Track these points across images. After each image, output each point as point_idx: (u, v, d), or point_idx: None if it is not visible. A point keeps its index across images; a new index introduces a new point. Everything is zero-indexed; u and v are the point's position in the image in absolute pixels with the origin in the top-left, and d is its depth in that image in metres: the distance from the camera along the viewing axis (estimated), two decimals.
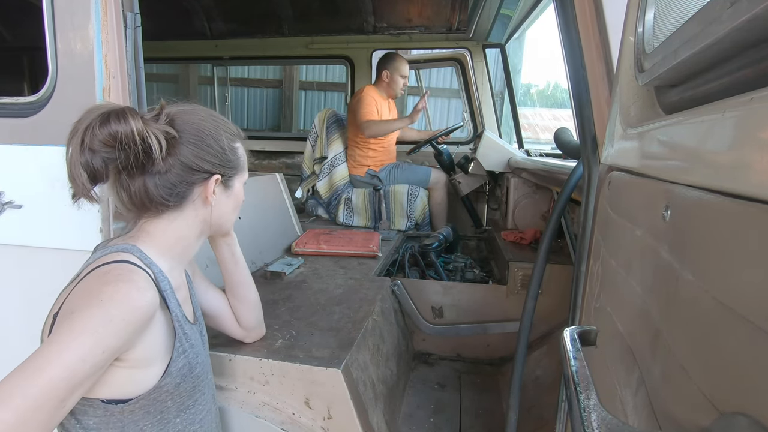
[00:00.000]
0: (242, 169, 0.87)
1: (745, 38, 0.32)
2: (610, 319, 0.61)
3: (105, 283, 0.67)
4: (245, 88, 5.47)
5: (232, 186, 0.86)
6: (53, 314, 0.69)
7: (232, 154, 0.83)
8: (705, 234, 0.36)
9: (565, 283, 1.44)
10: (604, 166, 0.78)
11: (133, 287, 0.67)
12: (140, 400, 0.72)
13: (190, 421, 0.81)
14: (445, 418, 1.43)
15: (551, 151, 2.60)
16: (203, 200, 0.81)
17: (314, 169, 2.83)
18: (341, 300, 1.37)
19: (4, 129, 1.09)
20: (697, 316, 0.36)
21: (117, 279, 0.68)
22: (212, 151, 0.80)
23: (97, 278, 0.69)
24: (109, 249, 0.75)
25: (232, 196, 0.86)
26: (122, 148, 0.70)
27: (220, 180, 0.82)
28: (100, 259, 0.73)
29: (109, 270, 0.70)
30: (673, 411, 0.38)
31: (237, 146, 0.85)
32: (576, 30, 0.87)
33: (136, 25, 1.03)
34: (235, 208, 0.89)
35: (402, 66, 2.71)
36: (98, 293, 0.65)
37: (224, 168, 0.82)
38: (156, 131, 0.72)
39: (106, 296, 0.65)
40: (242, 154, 0.87)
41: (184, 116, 0.79)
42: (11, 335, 1.20)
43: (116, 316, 0.63)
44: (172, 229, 0.81)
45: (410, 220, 2.58)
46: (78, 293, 0.68)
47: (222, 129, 0.82)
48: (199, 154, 0.78)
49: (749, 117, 0.31)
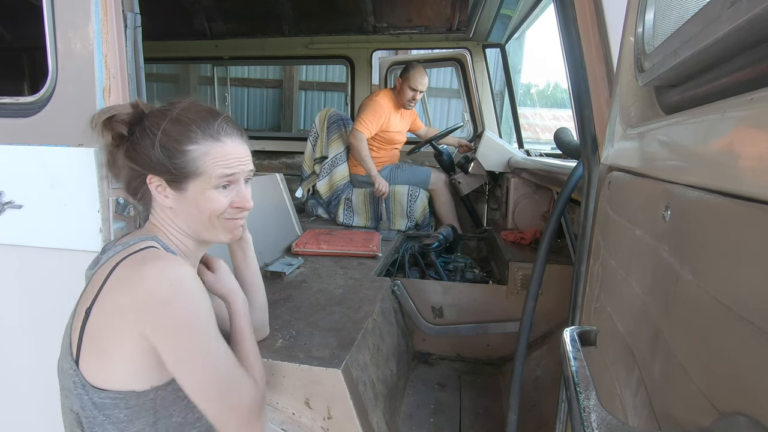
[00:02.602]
0: (193, 174, 0.79)
1: (745, 38, 0.32)
2: (610, 319, 0.61)
3: (147, 263, 0.72)
4: (245, 88, 5.47)
5: (185, 190, 0.80)
6: (85, 309, 0.72)
7: (169, 157, 0.78)
8: (705, 234, 0.36)
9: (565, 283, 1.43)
10: (604, 166, 0.78)
11: (173, 260, 0.74)
12: (173, 382, 0.74)
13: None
14: (445, 418, 1.43)
15: (551, 151, 2.60)
16: (158, 200, 0.82)
17: (314, 168, 2.83)
18: (341, 300, 1.37)
19: (4, 129, 1.09)
20: (697, 316, 0.36)
21: (156, 257, 0.73)
22: (143, 152, 0.80)
23: (132, 265, 0.73)
24: (131, 242, 0.79)
25: (186, 200, 0.80)
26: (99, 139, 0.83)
27: (162, 182, 0.80)
28: (126, 250, 0.76)
29: (145, 254, 0.74)
30: (673, 411, 0.38)
31: (188, 149, 0.78)
32: (576, 30, 0.87)
33: (136, 25, 1.03)
34: (199, 213, 0.81)
35: (414, 78, 2.57)
36: (149, 280, 0.70)
37: (157, 170, 0.79)
38: (105, 129, 0.82)
39: (160, 278, 0.70)
40: (196, 158, 0.78)
41: (150, 115, 0.83)
42: (11, 335, 1.20)
43: (186, 282, 0.71)
44: (162, 224, 0.84)
45: (410, 221, 2.58)
46: (117, 284, 0.71)
47: (172, 130, 0.78)
48: (132, 155, 0.82)
49: (749, 117, 0.31)
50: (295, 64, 5.01)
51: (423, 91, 2.66)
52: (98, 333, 0.72)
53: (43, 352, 1.19)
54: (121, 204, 1.07)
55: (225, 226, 0.84)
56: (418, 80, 2.58)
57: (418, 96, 2.65)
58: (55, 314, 1.16)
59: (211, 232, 0.84)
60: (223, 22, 3.28)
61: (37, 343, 1.19)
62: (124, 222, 1.09)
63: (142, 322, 0.69)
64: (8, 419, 1.27)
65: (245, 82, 5.44)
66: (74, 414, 0.76)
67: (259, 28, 3.26)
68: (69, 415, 0.77)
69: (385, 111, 2.62)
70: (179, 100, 0.83)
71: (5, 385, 1.25)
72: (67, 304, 1.14)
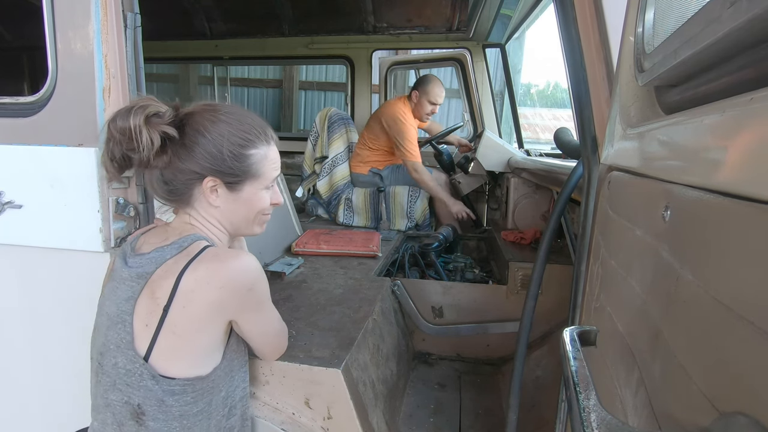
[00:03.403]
0: (253, 176, 0.86)
1: (745, 38, 0.32)
2: (610, 319, 0.61)
3: (229, 258, 0.80)
4: (245, 88, 5.47)
5: (240, 191, 0.86)
6: (162, 307, 0.76)
7: (235, 161, 0.83)
8: (705, 234, 0.36)
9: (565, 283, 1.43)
10: (604, 166, 0.78)
11: (243, 253, 0.84)
12: (223, 361, 0.84)
13: (242, 378, 0.92)
14: (445, 418, 1.43)
15: (551, 151, 2.60)
16: (207, 200, 0.85)
17: (315, 168, 2.82)
18: (341, 300, 1.37)
19: (4, 129, 1.09)
20: (696, 316, 0.36)
21: (228, 253, 0.81)
22: (207, 156, 0.82)
23: (209, 263, 0.78)
24: (182, 243, 0.82)
25: (240, 200, 0.87)
26: (129, 142, 0.77)
27: (219, 183, 0.84)
28: (185, 252, 0.80)
29: (215, 252, 0.81)
30: (673, 411, 0.38)
31: (248, 153, 0.84)
32: (576, 30, 0.87)
33: (136, 25, 1.03)
34: (248, 212, 0.89)
35: (433, 92, 2.55)
36: (233, 271, 0.79)
37: (220, 173, 0.83)
38: (153, 130, 0.77)
39: (247, 268, 0.81)
40: (256, 162, 0.85)
41: (197, 117, 0.83)
42: (11, 335, 1.20)
43: (258, 267, 0.83)
44: (203, 221, 0.88)
45: (410, 221, 2.58)
46: (202, 283, 0.77)
47: (234, 135, 0.83)
48: (192, 156, 0.82)
49: (749, 117, 0.31)
50: (295, 64, 5.01)
51: (441, 104, 2.64)
52: (183, 328, 0.77)
53: (43, 352, 1.19)
54: (121, 204, 1.07)
55: (261, 221, 0.93)
56: (437, 94, 2.57)
57: (437, 109, 2.64)
58: (55, 314, 1.16)
59: (250, 228, 0.92)
60: (223, 22, 3.28)
61: (38, 343, 1.19)
62: (124, 222, 1.09)
63: (230, 309, 0.80)
64: (8, 419, 1.27)
65: (245, 82, 5.45)
66: (130, 406, 0.78)
67: (259, 28, 3.26)
68: (122, 408, 0.79)
69: (414, 128, 2.60)
70: (220, 104, 0.88)
71: (5, 384, 1.25)
72: (67, 304, 1.14)
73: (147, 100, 0.79)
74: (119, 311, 0.79)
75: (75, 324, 1.14)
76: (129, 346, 0.78)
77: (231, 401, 0.88)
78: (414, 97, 2.62)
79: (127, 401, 0.78)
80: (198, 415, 0.81)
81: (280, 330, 0.96)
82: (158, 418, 0.78)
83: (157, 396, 0.78)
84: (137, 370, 0.77)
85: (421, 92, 2.58)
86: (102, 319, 0.83)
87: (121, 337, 0.79)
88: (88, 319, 0.89)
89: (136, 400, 0.78)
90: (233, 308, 0.80)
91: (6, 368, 1.23)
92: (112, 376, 0.79)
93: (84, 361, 0.90)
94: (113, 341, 0.79)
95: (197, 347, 0.80)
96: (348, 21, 3.06)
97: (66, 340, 1.15)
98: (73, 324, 1.14)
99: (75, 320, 1.13)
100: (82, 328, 1.11)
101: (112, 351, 0.79)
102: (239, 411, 0.91)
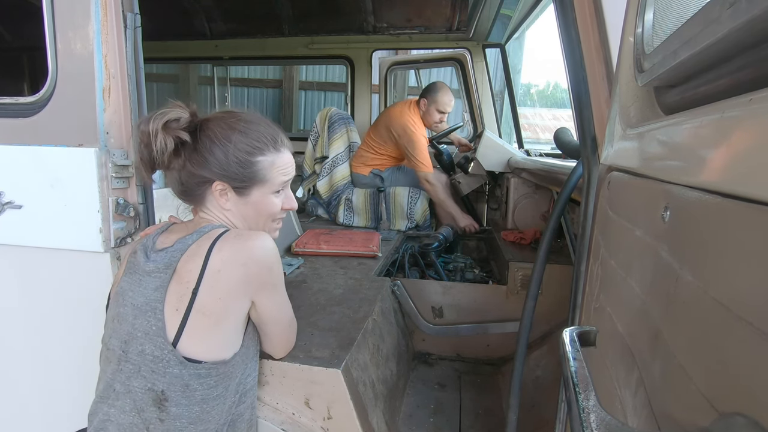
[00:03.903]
0: (260, 181, 0.90)
1: (744, 39, 0.32)
2: (609, 319, 0.61)
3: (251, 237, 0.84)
4: (245, 88, 5.47)
5: (249, 195, 0.91)
6: (192, 290, 0.80)
7: (240, 167, 0.88)
8: (704, 234, 0.36)
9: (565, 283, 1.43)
10: (604, 167, 0.78)
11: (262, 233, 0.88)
12: (241, 348, 0.87)
13: (254, 368, 0.94)
14: (445, 418, 1.43)
15: (551, 151, 2.60)
16: (218, 202, 0.91)
17: (315, 168, 2.82)
18: (341, 300, 1.37)
19: (4, 129, 1.09)
20: (696, 316, 0.36)
21: (249, 233, 0.86)
22: (215, 161, 0.87)
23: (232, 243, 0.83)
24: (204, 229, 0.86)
25: (249, 203, 0.92)
26: (148, 146, 0.84)
27: (228, 188, 0.89)
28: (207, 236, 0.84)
29: (237, 233, 0.85)
30: (673, 411, 0.38)
31: (255, 160, 0.89)
32: (576, 30, 0.87)
33: (136, 25, 1.03)
34: (258, 215, 0.94)
35: (443, 100, 2.52)
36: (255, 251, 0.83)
37: (228, 178, 0.88)
38: (168, 135, 0.83)
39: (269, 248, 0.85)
40: (263, 169, 0.90)
41: (211, 124, 0.89)
42: (11, 335, 1.20)
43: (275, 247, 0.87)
44: (213, 219, 0.92)
45: (410, 222, 2.58)
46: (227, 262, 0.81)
47: (241, 142, 0.88)
48: (202, 161, 0.87)
49: (749, 117, 0.31)
50: (295, 64, 5.01)
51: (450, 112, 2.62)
52: (212, 308, 0.81)
53: (44, 352, 1.19)
54: (121, 204, 1.07)
55: (272, 227, 0.97)
56: (446, 103, 2.55)
57: (445, 118, 2.62)
58: (55, 314, 1.16)
59: (259, 230, 0.95)
60: (223, 22, 3.28)
61: (37, 343, 1.19)
62: (124, 222, 1.09)
63: (253, 286, 0.84)
64: (8, 418, 1.27)
65: (245, 82, 5.45)
66: (154, 393, 0.81)
67: (259, 28, 3.26)
68: (144, 395, 0.81)
69: (425, 136, 2.59)
70: (238, 111, 0.93)
71: (6, 384, 1.25)
72: (67, 304, 1.15)
73: (173, 105, 0.85)
74: (148, 300, 0.82)
75: (75, 324, 1.14)
76: (159, 333, 0.81)
77: (243, 388, 0.91)
78: (423, 105, 2.59)
79: (151, 388, 0.81)
80: (216, 399, 0.84)
81: (291, 320, 0.99)
82: (181, 404, 0.81)
83: (183, 381, 0.81)
84: (165, 356, 0.80)
85: (430, 100, 2.56)
86: (125, 309, 0.85)
87: (151, 324, 0.81)
88: (89, 319, 0.89)
89: (161, 387, 0.81)
90: (255, 285, 0.84)
91: (6, 368, 1.23)
92: (136, 363, 0.82)
93: (84, 360, 0.90)
94: (141, 329, 0.82)
95: (223, 327, 0.84)
96: (348, 21, 3.06)
97: (66, 340, 1.15)
98: (74, 324, 1.14)
99: (75, 320, 1.13)
100: (82, 328, 1.12)
101: (140, 339, 0.82)
102: (249, 399, 0.93)
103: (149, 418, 0.81)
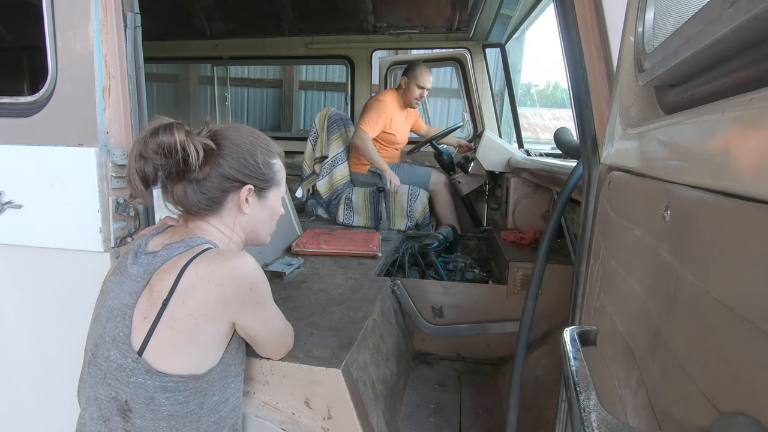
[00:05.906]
0: (277, 184, 0.96)
1: (745, 38, 0.32)
2: (610, 319, 0.61)
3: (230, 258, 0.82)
4: (245, 88, 5.47)
5: (267, 197, 0.95)
6: (162, 300, 0.78)
7: (266, 168, 0.92)
8: (705, 234, 0.36)
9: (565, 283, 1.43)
10: (604, 166, 0.78)
11: (243, 253, 0.85)
12: (219, 364, 0.84)
13: (237, 388, 0.91)
14: (445, 418, 1.43)
15: (551, 151, 2.60)
16: (238, 208, 0.91)
17: (314, 168, 2.82)
18: (341, 300, 1.37)
19: (4, 129, 1.09)
20: (697, 316, 0.36)
21: (230, 253, 0.84)
22: (245, 163, 0.89)
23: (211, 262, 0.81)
24: (191, 243, 0.85)
25: (266, 206, 0.96)
26: (167, 156, 0.82)
27: (254, 190, 0.91)
28: (191, 250, 0.83)
29: (218, 252, 0.84)
30: (673, 411, 0.38)
31: (273, 162, 0.94)
32: (576, 30, 0.87)
33: (136, 25, 1.03)
34: (270, 218, 0.98)
35: (421, 76, 2.63)
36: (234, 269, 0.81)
37: (256, 179, 0.91)
38: (196, 142, 0.83)
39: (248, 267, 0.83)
40: (278, 171, 0.96)
41: (224, 132, 0.90)
42: (11, 335, 1.20)
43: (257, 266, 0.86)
44: (215, 232, 0.91)
45: (410, 221, 2.58)
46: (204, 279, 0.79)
47: (259, 145, 0.92)
48: (233, 165, 0.88)
49: (749, 117, 0.31)
50: (295, 64, 5.01)
51: (429, 89, 2.70)
52: (181, 323, 0.78)
53: (43, 352, 1.19)
54: (121, 204, 1.07)
55: (272, 230, 1.01)
56: (425, 78, 2.64)
57: (425, 93, 2.69)
58: (54, 314, 1.16)
59: (264, 235, 0.99)
60: (223, 22, 3.28)
61: (37, 343, 1.19)
62: (124, 222, 1.09)
63: (231, 308, 0.81)
64: (8, 418, 1.27)
65: (245, 82, 5.44)
66: (118, 402, 0.79)
67: (259, 28, 3.26)
68: (109, 404, 0.80)
69: (389, 111, 2.64)
70: (232, 123, 0.95)
71: (5, 384, 1.25)
72: (67, 304, 1.14)
73: (169, 119, 0.85)
74: (121, 304, 0.81)
75: (75, 324, 1.13)
76: (124, 340, 0.79)
77: (223, 410, 0.87)
78: (403, 84, 2.68)
79: (115, 397, 0.79)
80: (187, 417, 0.81)
81: (284, 329, 0.98)
82: (146, 416, 0.78)
83: (147, 393, 0.78)
84: (129, 365, 0.78)
85: (410, 77, 2.65)
86: (103, 311, 0.84)
87: (119, 330, 0.80)
88: (88, 319, 0.89)
89: (124, 396, 0.78)
90: (234, 306, 0.82)
91: (5, 368, 1.23)
92: (102, 369, 0.80)
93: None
94: (110, 334, 0.80)
95: (194, 343, 0.80)
96: (348, 21, 3.06)
97: (66, 340, 1.15)
98: (73, 324, 1.14)
99: (75, 320, 1.13)
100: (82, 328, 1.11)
101: (107, 344, 0.80)
102: (229, 422, 0.90)
103: (115, 427, 0.79)
